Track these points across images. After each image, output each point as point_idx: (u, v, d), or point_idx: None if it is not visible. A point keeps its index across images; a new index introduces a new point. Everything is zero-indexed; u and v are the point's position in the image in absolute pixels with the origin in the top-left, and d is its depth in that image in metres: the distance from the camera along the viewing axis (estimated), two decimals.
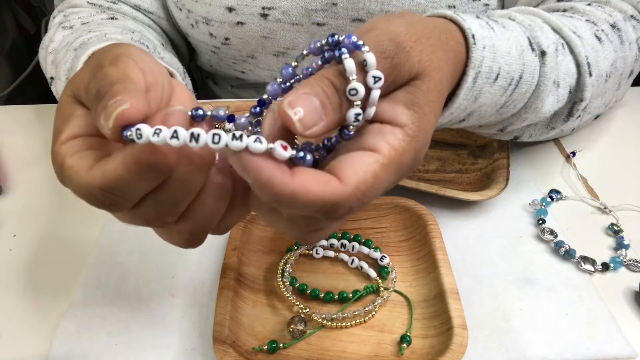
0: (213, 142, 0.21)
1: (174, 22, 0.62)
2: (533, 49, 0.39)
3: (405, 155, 0.25)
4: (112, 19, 0.55)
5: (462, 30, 0.34)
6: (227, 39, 0.57)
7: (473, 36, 0.34)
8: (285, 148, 0.22)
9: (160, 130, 0.22)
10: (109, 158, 0.24)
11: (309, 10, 0.53)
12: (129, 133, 0.22)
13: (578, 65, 0.43)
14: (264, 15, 0.54)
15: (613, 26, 0.46)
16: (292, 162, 0.23)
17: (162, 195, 0.25)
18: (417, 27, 0.28)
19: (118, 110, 0.23)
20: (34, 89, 1.05)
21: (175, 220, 0.27)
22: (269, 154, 0.22)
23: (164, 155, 0.23)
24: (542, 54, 0.39)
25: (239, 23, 0.55)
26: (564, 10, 0.48)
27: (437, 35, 0.29)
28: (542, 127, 0.47)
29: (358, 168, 0.24)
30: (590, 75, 0.43)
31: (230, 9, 0.54)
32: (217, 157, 0.26)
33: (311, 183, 0.23)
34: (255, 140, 0.21)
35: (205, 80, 0.76)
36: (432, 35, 0.29)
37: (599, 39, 0.45)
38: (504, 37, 0.37)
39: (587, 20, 0.46)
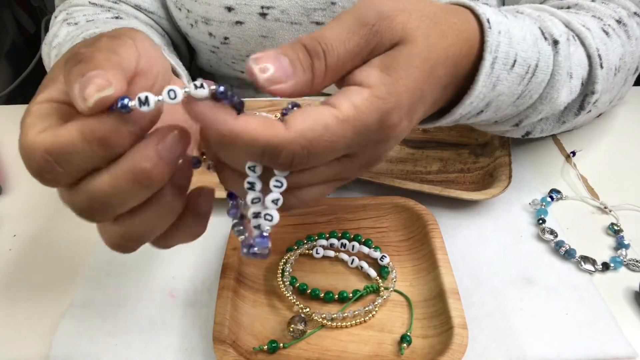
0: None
1: (174, 22, 0.62)
2: (546, 38, 0.39)
3: (366, 115, 0.25)
4: (117, 18, 0.55)
5: (476, 17, 0.34)
6: (226, 38, 0.57)
7: (488, 20, 0.33)
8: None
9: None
10: (65, 124, 0.23)
11: (307, 9, 0.53)
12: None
13: (589, 57, 0.43)
14: (263, 15, 0.54)
15: (619, 21, 0.46)
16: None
17: (98, 188, 0.24)
18: (414, 4, 0.28)
19: (102, 94, 0.22)
20: (34, 89, 1.04)
21: (108, 221, 0.26)
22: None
23: (120, 134, 0.23)
24: (555, 42, 0.39)
25: (238, 22, 0.55)
26: (568, 7, 0.49)
27: (440, 14, 0.29)
28: (554, 121, 0.46)
29: (308, 117, 0.24)
30: (602, 67, 0.43)
31: (229, 9, 0.54)
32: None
33: (255, 125, 0.23)
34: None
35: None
36: (433, 12, 0.29)
37: (606, 33, 0.45)
38: (518, 24, 0.37)
39: (592, 15, 0.46)
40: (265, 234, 0.27)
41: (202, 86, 0.23)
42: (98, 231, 0.28)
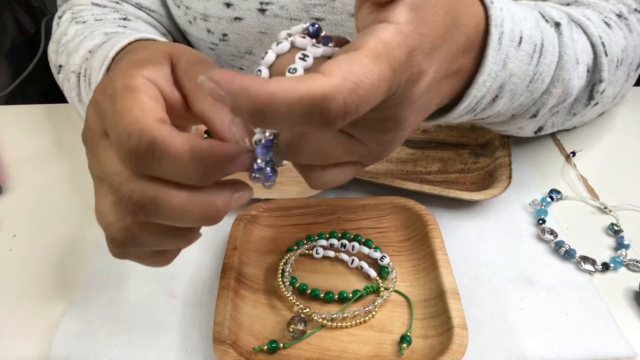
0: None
1: (174, 20, 0.62)
2: (547, 21, 0.39)
3: (397, 49, 0.24)
4: (124, 19, 0.56)
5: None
6: (225, 35, 0.57)
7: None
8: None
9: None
10: (182, 132, 0.25)
11: (307, 5, 0.53)
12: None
13: (593, 45, 0.43)
14: (262, 11, 0.54)
15: (619, 15, 0.47)
16: None
17: (172, 195, 0.26)
18: None
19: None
20: (34, 89, 1.05)
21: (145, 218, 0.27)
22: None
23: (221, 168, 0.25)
24: (557, 25, 0.39)
25: (237, 19, 0.55)
26: (568, 4, 0.49)
27: None
28: (564, 113, 0.46)
29: (342, 62, 0.22)
30: (606, 54, 0.43)
31: (228, 5, 0.54)
32: None
33: (290, 82, 0.21)
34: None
35: None
36: None
37: (608, 24, 0.45)
38: (518, 6, 0.37)
39: (593, 10, 0.47)
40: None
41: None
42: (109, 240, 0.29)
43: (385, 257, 0.42)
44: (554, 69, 0.40)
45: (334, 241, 0.43)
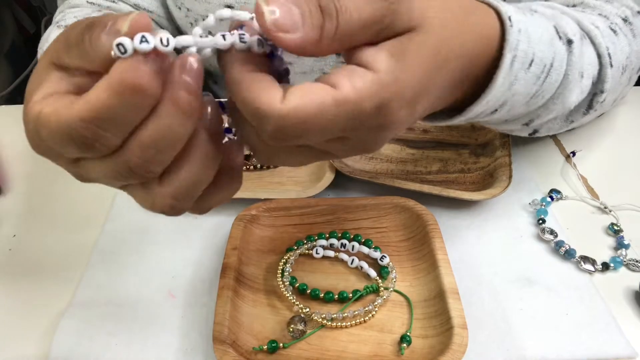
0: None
1: (173, 21, 0.62)
2: (560, 37, 0.39)
3: (366, 100, 0.24)
4: None
5: (497, 14, 0.33)
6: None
7: (510, 18, 0.33)
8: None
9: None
10: (90, 90, 0.23)
11: None
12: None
13: (599, 56, 0.43)
14: None
15: (625, 20, 0.47)
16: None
17: (147, 135, 0.24)
18: None
19: (130, 18, 0.22)
20: None
21: (160, 173, 0.26)
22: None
23: (148, 75, 0.22)
24: (569, 42, 0.39)
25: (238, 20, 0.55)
26: (574, 6, 0.49)
27: (462, 10, 0.29)
28: (562, 120, 0.46)
29: (306, 93, 0.23)
30: (611, 66, 0.43)
31: (229, 7, 0.54)
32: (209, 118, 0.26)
33: (256, 86, 0.23)
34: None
35: (205, 80, 0.76)
36: (456, 6, 0.28)
37: (614, 31, 0.45)
38: (536, 23, 0.37)
39: (599, 14, 0.46)
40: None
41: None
42: (145, 205, 0.28)
43: (385, 257, 0.42)
44: (557, 87, 0.39)
45: (334, 241, 0.43)
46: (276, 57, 0.25)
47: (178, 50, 0.24)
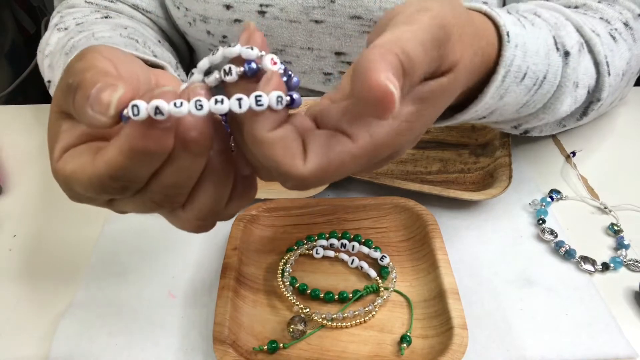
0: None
1: (172, 21, 0.62)
2: (558, 49, 0.39)
3: (382, 149, 0.25)
4: (106, 17, 0.55)
5: (495, 26, 0.33)
6: (224, 36, 0.57)
7: (508, 34, 0.33)
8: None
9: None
10: (106, 147, 0.24)
11: (306, 7, 0.53)
12: (125, 112, 0.22)
13: (597, 64, 0.43)
14: (262, 13, 0.54)
15: (626, 24, 0.46)
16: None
17: (166, 179, 0.25)
18: (461, 17, 0.27)
19: (117, 94, 0.22)
20: (34, 89, 1.05)
21: (183, 203, 0.27)
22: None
23: (157, 138, 0.22)
24: (566, 54, 0.39)
25: (237, 20, 0.55)
26: (576, 7, 0.49)
27: (473, 32, 0.29)
28: (554, 125, 0.46)
29: (326, 154, 0.24)
30: (609, 74, 0.43)
31: (228, 7, 0.54)
32: (216, 141, 0.26)
33: (280, 149, 0.23)
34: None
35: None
36: (470, 30, 0.28)
37: (613, 38, 0.45)
38: (534, 35, 0.37)
39: (600, 18, 0.46)
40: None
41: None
42: (176, 225, 0.29)
43: (385, 257, 0.42)
44: (549, 98, 0.40)
45: (334, 241, 0.43)
46: (292, 92, 0.24)
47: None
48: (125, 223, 0.47)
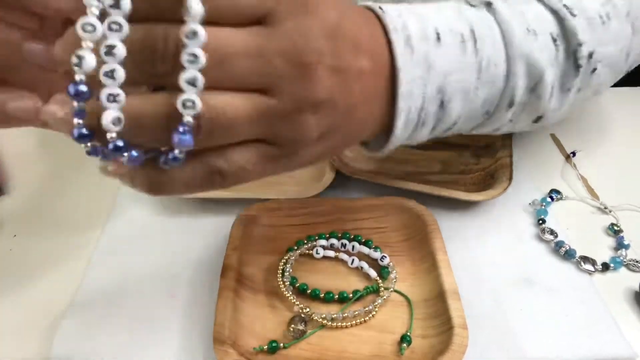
0: None
1: None
2: (473, 5, 0.36)
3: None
4: None
5: (376, 16, 0.32)
6: None
7: (380, 7, 0.32)
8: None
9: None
10: None
11: None
12: None
13: (554, 12, 0.39)
14: None
15: None
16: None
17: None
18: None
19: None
20: None
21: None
22: None
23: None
24: (488, 4, 0.36)
25: None
26: None
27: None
28: (558, 90, 0.40)
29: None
30: (574, 15, 0.38)
31: None
32: None
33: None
34: None
35: None
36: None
37: None
38: (426, 7, 0.34)
39: None
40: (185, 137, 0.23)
41: None
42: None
43: (386, 257, 0.42)
44: (503, 49, 0.35)
45: (334, 241, 0.43)
46: None
47: None
48: (126, 223, 0.47)
